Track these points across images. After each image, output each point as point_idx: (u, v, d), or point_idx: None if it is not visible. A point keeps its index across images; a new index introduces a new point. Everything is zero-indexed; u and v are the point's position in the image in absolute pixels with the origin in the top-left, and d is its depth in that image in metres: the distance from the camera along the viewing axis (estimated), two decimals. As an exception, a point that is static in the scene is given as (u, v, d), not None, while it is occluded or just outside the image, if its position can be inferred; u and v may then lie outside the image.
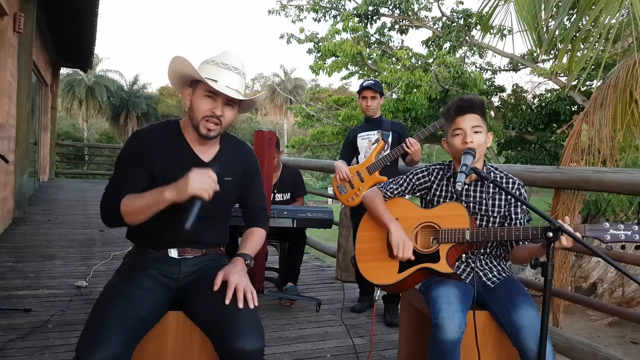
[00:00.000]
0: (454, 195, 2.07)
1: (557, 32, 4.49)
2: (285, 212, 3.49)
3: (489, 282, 2.00)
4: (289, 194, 3.96)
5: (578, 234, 1.63)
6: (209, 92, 1.69)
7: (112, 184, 1.73)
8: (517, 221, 2.02)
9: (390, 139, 3.39)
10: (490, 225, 2.03)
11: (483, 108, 2.02)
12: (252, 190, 1.93)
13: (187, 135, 1.79)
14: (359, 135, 3.50)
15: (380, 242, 2.10)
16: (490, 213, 2.03)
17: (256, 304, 1.62)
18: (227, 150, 1.87)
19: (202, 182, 1.54)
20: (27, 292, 3.59)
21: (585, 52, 4.27)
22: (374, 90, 3.42)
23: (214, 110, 1.69)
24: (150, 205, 1.62)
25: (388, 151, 3.35)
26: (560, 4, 4.41)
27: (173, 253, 1.79)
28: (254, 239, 1.88)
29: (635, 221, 1.70)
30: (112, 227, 1.80)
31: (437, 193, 2.11)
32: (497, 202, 2.04)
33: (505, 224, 2.03)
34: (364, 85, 3.48)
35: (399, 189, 2.17)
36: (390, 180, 2.22)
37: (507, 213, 2.04)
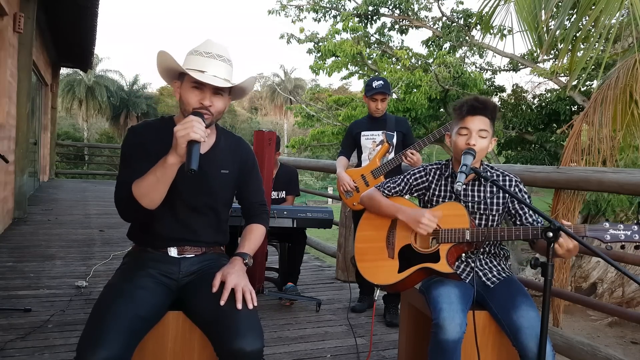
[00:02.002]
0: (453, 195, 2.07)
1: (557, 32, 4.49)
2: (285, 212, 3.49)
3: (488, 282, 2.00)
4: (284, 192, 3.97)
5: (578, 234, 1.63)
6: (195, 83, 1.68)
7: (120, 180, 1.72)
8: (527, 215, 2.00)
9: (394, 140, 3.36)
10: (489, 224, 2.03)
11: (494, 113, 2.01)
12: (249, 185, 1.92)
13: None
14: (362, 134, 3.47)
15: (380, 242, 2.10)
16: (489, 212, 2.03)
17: (255, 304, 1.62)
18: (224, 143, 1.87)
19: (185, 128, 1.54)
20: (27, 292, 3.59)
21: (586, 52, 4.26)
22: (384, 93, 3.39)
23: (202, 101, 1.68)
24: (158, 177, 1.60)
25: (392, 154, 3.33)
26: (560, 4, 4.41)
27: (173, 252, 1.79)
28: (253, 237, 1.86)
29: (635, 221, 1.70)
30: (132, 220, 1.80)
31: (436, 193, 2.11)
32: (495, 201, 2.04)
33: (517, 222, 2.02)
34: (374, 87, 3.35)
35: (397, 189, 2.17)
36: (388, 179, 2.22)
37: (513, 211, 2.03)
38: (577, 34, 4.66)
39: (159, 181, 1.61)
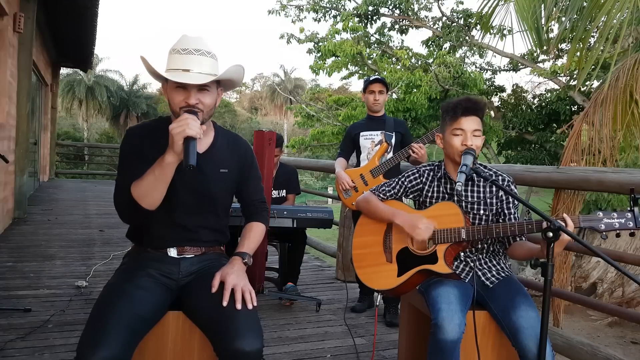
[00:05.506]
0: (446, 195, 2.08)
1: (565, 28, 4.47)
2: (285, 212, 3.48)
3: (487, 282, 2.00)
4: (284, 191, 3.98)
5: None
6: (177, 83, 1.66)
7: (119, 182, 1.72)
8: (511, 216, 2.04)
9: (393, 140, 3.36)
10: (483, 223, 2.03)
11: (484, 112, 2.04)
12: (249, 182, 1.91)
13: None
14: (361, 134, 3.46)
15: (377, 247, 2.10)
16: (483, 211, 2.04)
17: (255, 304, 1.62)
18: (222, 142, 1.85)
19: (180, 125, 1.55)
20: (27, 292, 3.59)
21: (596, 50, 4.23)
22: (382, 84, 3.39)
23: (187, 100, 1.65)
24: (157, 176, 1.60)
25: (391, 153, 3.33)
26: (560, 3, 4.41)
27: (172, 252, 1.78)
28: (252, 236, 1.86)
29: (628, 208, 1.70)
30: (132, 222, 1.79)
31: (429, 194, 2.12)
32: (489, 200, 2.05)
33: (500, 220, 2.04)
34: (371, 79, 3.42)
35: (392, 192, 2.17)
36: (383, 183, 2.22)
37: (499, 210, 2.05)
38: (584, 36, 4.64)
39: (157, 180, 1.61)
